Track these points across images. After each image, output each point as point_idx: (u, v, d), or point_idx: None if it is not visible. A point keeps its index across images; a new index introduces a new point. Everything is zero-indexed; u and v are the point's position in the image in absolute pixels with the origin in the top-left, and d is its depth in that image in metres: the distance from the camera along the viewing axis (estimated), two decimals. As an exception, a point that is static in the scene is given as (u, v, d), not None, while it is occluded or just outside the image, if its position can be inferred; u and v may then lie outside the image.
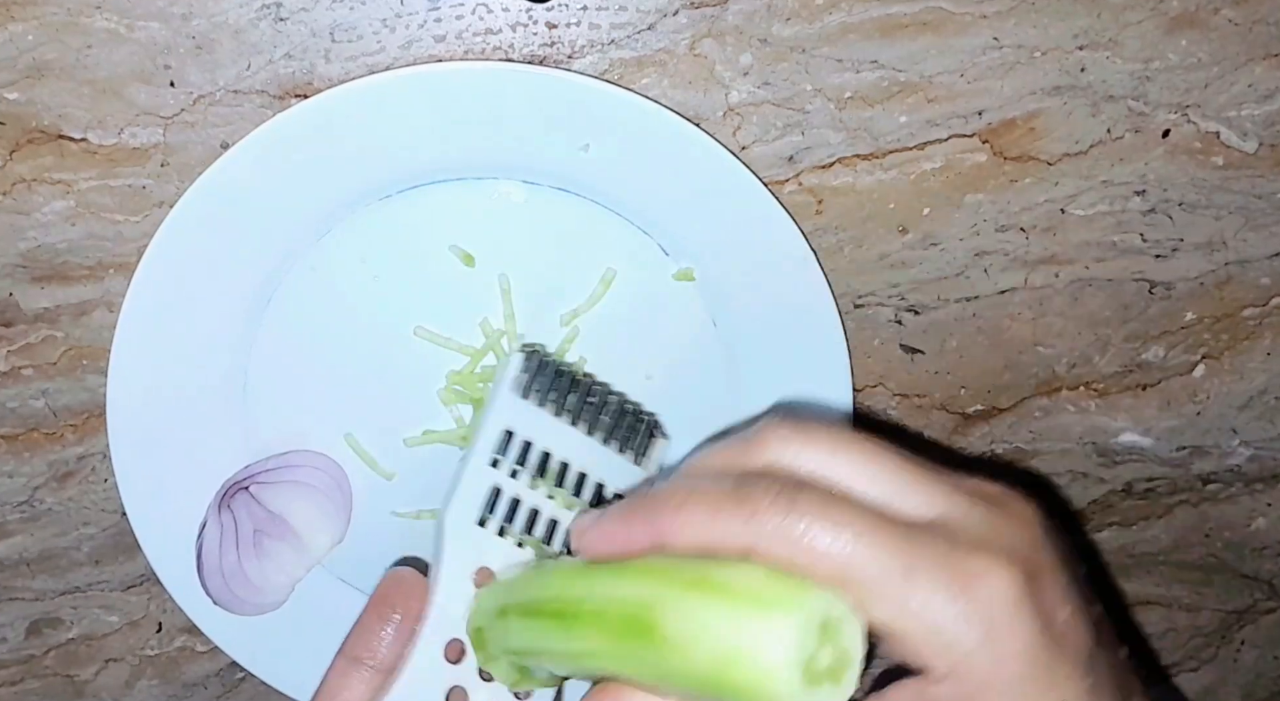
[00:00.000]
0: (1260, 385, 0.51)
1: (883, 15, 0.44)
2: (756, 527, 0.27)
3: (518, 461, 0.39)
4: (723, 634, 0.26)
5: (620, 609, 0.28)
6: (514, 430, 0.39)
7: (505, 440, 0.38)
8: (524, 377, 0.39)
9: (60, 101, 0.42)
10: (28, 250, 0.44)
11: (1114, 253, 0.49)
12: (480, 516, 0.38)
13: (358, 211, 0.44)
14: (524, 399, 0.39)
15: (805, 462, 0.29)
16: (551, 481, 0.39)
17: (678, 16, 0.44)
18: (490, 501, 0.38)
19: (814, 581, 0.26)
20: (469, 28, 0.43)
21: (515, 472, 0.38)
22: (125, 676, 0.51)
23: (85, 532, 0.49)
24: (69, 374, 0.46)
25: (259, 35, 0.42)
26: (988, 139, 0.46)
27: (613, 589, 0.29)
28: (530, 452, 0.39)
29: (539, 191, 0.45)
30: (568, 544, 0.37)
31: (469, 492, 0.38)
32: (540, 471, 0.39)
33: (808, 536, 0.26)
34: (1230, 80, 0.46)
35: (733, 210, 0.44)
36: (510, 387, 0.39)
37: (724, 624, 0.26)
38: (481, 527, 0.38)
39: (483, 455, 0.38)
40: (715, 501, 0.28)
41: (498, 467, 0.38)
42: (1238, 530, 0.54)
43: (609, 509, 0.31)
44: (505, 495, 0.38)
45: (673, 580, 0.28)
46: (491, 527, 0.38)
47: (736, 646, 0.25)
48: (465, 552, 0.37)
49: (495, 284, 0.46)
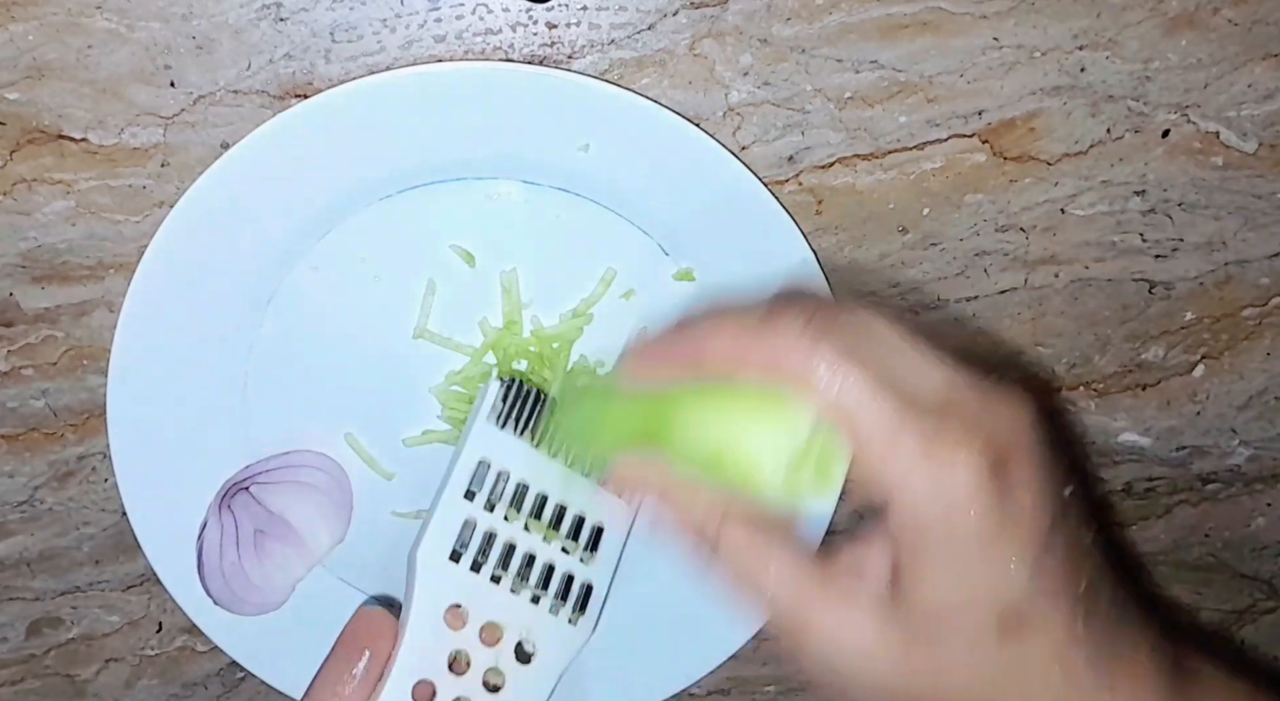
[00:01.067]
0: (1260, 385, 0.52)
1: (883, 15, 0.44)
2: (781, 356, 0.31)
3: (494, 493, 0.38)
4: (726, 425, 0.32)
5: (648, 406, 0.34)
6: (490, 461, 0.38)
7: (481, 471, 0.38)
8: (501, 406, 0.38)
9: (60, 101, 0.43)
10: (28, 250, 0.44)
11: (1114, 253, 0.49)
12: (453, 551, 0.37)
13: (358, 211, 0.44)
14: (501, 428, 0.38)
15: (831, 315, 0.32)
16: (529, 513, 0.38)
17: (678, 16, 0.44)
18: (464, 535, 0.37)
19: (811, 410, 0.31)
20: (469, 28, 0.43)
21: (491, 505, 0.38)
22: (125, 676, 0.51)
23: (85, 532, 0.49)
24: (69, 374, 0.46)
25: (259, 35, 0.43)
26: (988, 139, 0.46)
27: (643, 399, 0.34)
28: (507, 484, 0.38)
29: (539, 191, 0.45)
30: None
31: (442, 527, 0.37)
32: (517, 503, 0.38)
33: (819, 378, 0.30)
34: (1230, 80, 0.46)
35: (733, 210, 0.44)
36: (486, 417, 0.38)
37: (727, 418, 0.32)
38: (455, 563, 0.37)
39: (456, 487, 0.38)
40: (748, 327, 0.32)
41: (472, 500, 0.38)
42: (1238, 530, 0.54)
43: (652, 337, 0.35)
44: (480, 528, 0.37)
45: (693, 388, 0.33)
46: (465, 563, 0.37)
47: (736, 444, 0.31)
48: (437, 590, 0.36)
49: (496, 283, 0.46)
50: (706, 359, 0.33)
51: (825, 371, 0.30)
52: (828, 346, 0.31)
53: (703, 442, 0.32)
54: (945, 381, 0.31)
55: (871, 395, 0.30)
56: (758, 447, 0.31)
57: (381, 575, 0.47)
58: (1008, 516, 0.30)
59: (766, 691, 0.54)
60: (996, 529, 0.29)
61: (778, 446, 0.31)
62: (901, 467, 0.30)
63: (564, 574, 0.39)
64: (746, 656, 0.49)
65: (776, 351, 0.31)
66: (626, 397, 0.35)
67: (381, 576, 0.48)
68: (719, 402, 0.32)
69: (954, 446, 0.29)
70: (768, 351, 0.31)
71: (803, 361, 0.31)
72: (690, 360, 0.33)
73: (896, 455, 0.30)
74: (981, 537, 0.29)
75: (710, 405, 0.32)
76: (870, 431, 0.30)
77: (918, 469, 0.30)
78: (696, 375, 0.33)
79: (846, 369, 0.30)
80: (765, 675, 0.53)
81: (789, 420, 0.31)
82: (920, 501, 0.30)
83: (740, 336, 0.32)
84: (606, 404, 0.36)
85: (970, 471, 0.29)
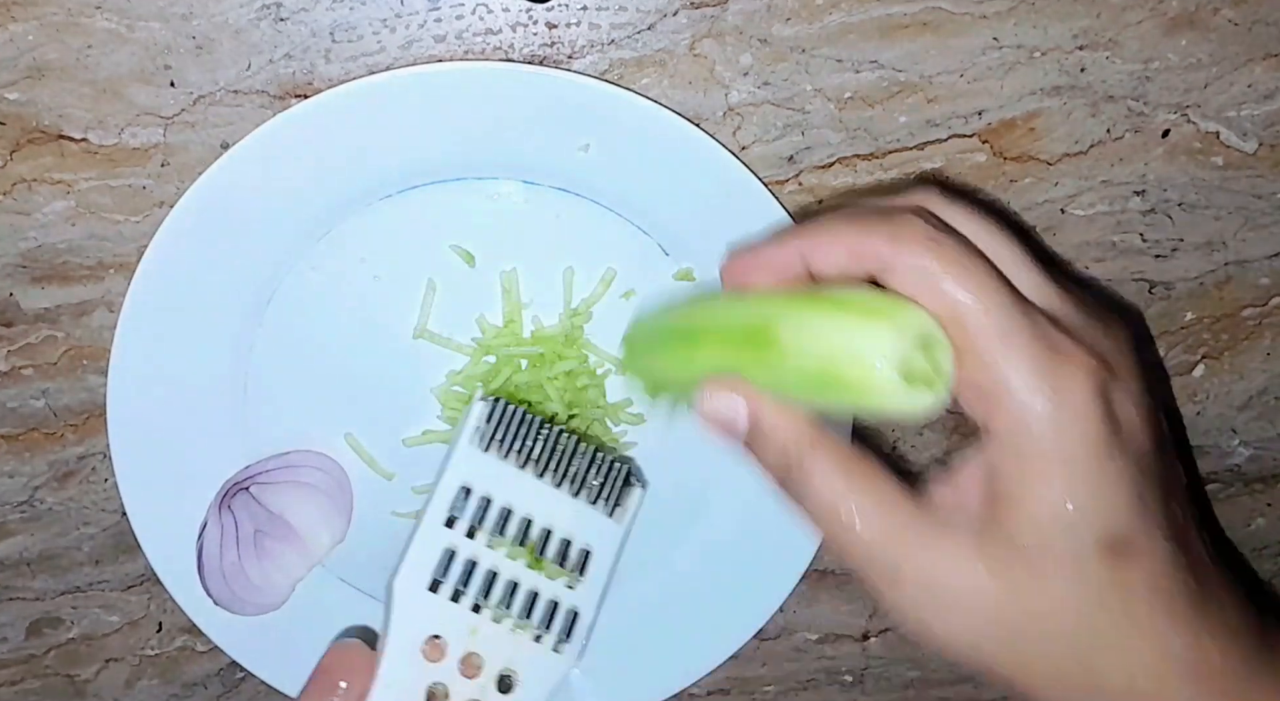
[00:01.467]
0: (1260, 385, 0.52)
1: (883, 15, 0.44)
2: (897, 252, 0.30)
3: (476, 519, 0.37)
4: (833, 337, 0.30)
5: (743, 322, 0.32)
6: (471, 486, 0.37)
7: (462, 497, 0.37)
8: (485, 428, 0.37)
9: (60, 101, 0.43)
10: (28, 250, 0.44)
11: (1114, 253, 0.49)
12: (432, 581, 0.36)
13: (358, 211, 0.44)
14: (484, 451, 0.37)
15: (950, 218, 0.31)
16: (512, 540, 0.37)
17: (678, 16, 0.44)
18: (444, 564, 0.36)
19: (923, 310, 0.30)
20: (469, 28, 0.43)
21: (473, 531, 0.37)
22: (125, 676, 0.51)
23: (85, 532, 0.49)
24: (69, 374, 0.46)
25: (259, 35, 0.43)
26: (988, 139, 0.46)
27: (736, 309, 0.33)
28: (489, 509, 0.37)
29: (539, 191, 0.45)
30: None
31: (420, 556, 0.36)
32: (500, 529, 0.37)
33: (937, 276, 0.29)
34: (1230, 80, 0.46)
35: (733, 210, 0.44)
36: (469, 440, 0.37)
37: (834, 329, 0.30)
38: (434, 593, 0.36)
39: (436, 515, 0.36)
40: (866, 224, 0.31)
41: (453, 527, 0.36)
42: (1237, 530, 0.54)
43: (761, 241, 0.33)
44: (461, 556, 0.36)
45: (792, 298, 0.31)
46: (444, 593, 0.36)
47: (844, 347, 0.29)
48: (415, 621, 0.35)
49: (496, 284, 0.46)
50: (818, 260, 0.31)
51: (942, 268, 0.29)
52: (949, 243, 0.30)
53: (807, 356, 0.30)
54: (1057, 293, 0.31)
55: (991, 293, 0.29)
56: (868, 352, 0.29)
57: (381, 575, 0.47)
58: (1117, 434, 0.29)
59: (766, 691, 0.54)
60: (1107, 446, 0.29)
61: (888, 350, 0.29)
62: (1014, 372, 0.28)
63: (549, 601, 0.38)
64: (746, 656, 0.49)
65: (896, 248, 0.30)
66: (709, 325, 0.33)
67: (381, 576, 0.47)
68: (821, 311, 0.30)
69: (1069, 357, 0.29)
70: (886, 249, 0.30)
71: (920, 258, 0.29)
72: (799, 262, 0.32)
73: (1010, 359, 0.29)
74: (1093, 452, 0.28)
75: (812, 315, 0.30)
76: (987, 332, 0.29)
77: (1031, 376, 0.28)
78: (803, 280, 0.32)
79: (967, 266, 0.29)
80: (765, 675, 0.53)
81: (898, 322, 0.29)
82: (1031, 410, 0.28)
83: (857, 235, 0.31)
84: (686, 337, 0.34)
85: (1086, 383, 0.28)
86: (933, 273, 0.29)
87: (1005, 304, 0.29)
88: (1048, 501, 0.29)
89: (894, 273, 0.30)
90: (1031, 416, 0.29)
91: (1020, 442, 0.29)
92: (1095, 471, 0.29)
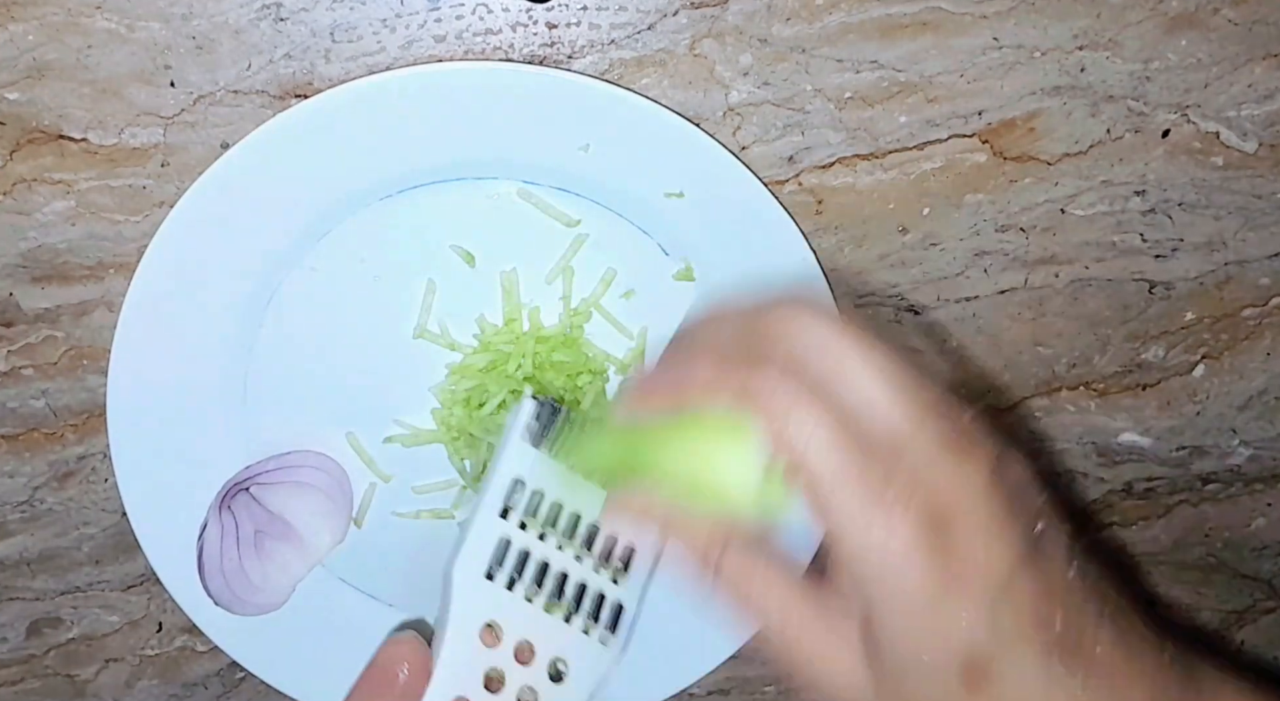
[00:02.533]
0: (1260, 385, 0.52)
1: (883, 15, 0.44)
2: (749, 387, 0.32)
3: (528, 512, 0.37)
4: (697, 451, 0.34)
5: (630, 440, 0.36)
6: (524, 480, 0.37)
7: (515, 490, 0.37)
8: (535, 425, 0.38)
9: (60, 101, 0.43)
10: (28, 250, 0.44)
11: (1114, 253, 0.49)
12: (489, 569, 0.36)
13: (358, 211, 0.44)
14: (536, 448, 0.38)
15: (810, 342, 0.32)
16: (563, 533, 0.38)
17: (678, 16, 0.44)
18: (500, 554, 0.37)
19: None
20: (469, 28, 0.43)
21: (524, 524, 0.37)
22: (125, 676, 0.51)
23: (85, 532, 0.49)
24: (69, 374, 0.46)
25: (259, 35, 0.43)
26: (988, 139, 0.46)
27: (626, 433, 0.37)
28: (541, 503, 0.38)
29: (539, 191, 0.45)
30: None
31: (478, 544, 0.37)
32: (551, 522, 0.38)
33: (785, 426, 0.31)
34: (1230, 80, 0.46)
35: (733, 210, 0.44)
36: (521, 436, 0.38)
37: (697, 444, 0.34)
38: (490, 581, 0.36)
39: (492, 505, 0.37)
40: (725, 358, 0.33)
41: (507, 518, 0.37)
42: (1238, 530, 0.54)
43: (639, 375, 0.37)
44: (515, 547, 0.37)
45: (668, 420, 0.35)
46: (500, 580, 0.36)
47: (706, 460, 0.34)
48: (473, 607, 0.36)
49: (496, 283, 0.46)
50: (687, 390, 0.34)
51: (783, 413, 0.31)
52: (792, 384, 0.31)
53: (679, 470, 0.34)
54: (905, 420, 0.31)
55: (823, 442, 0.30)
56: (727, 470, 0.33)
57: (382, 575, 0.48)
58: (952, 572, 0.29)
59: (766, 691, 0.54)
60: (940, 586, 0.29)
61: (745, 467, 0.33)
62: (845, 519, 0.30)
63: (596, 594, 0.38)
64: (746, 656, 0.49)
65: (748, 385, 0.32)
66: (614, 433, 0.37)
67: (382, 576, 0.48)
68: (690, 431, 0.34)
69: (892, 505, 0.30)
70: (739, 384, 0.32)
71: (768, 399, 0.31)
72: (674, 392, 0.34)
73: (840, 506, 0.30)
74: (925, 594, 0.29)
75: (683, 434, 0.34)
76: (820, 477, 0.30)
77: (857, 523, 0.30)
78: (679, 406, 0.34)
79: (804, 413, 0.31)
80: (765, 675, 0.53)
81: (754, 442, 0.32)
82: (860, 556, 0.30)
83: (717, 368, 0.33)
84: (600, 440, 0.38)
85: (908, 529, 0.29)
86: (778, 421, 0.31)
87: (845, 455, 0.30)
88: (899, 638, 0.30)
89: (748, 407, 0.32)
90: (861, 563, 0.30)
91: (859, 582, 0.31)
92: (933, 611, 0.30)
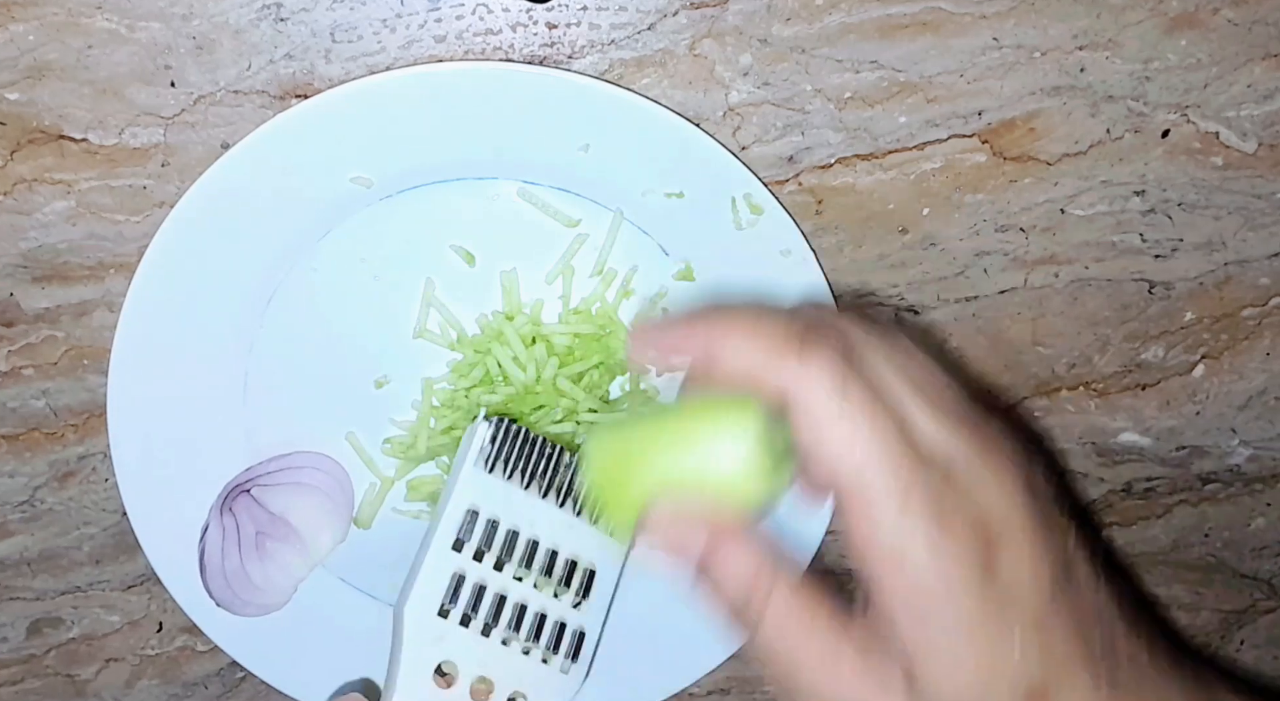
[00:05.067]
0: (1260, 385, 0.52)
1: (883, 15, 0.44)
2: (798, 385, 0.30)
3: (483, 542, 0.36)
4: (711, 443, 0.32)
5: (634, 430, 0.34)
6: (478, 509, 0.37)
7: (469, 520, 0.36)
8: (490, 448, 0.37)
9: (61, 102, 0.43)
10: (28, 250, 0.45)
11: (1113, 253, 0.49)
12: (442, 606, 0.36)
13: (358, 211, 0.44)
14: (489, 473, 0.37)
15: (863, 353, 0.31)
16: (520, 561, 0.37)
17: (678, 16, 0.44)
18: (453, 589, 0.36)
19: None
20: (469, 28, 0.43)
21: (480, 554, 0.36)
22: (126, 676, 0.51)
23: (86, 532, 0.49)
24: (69, 374, 0.46)
25: (259, 35, 0.43)
26: (988, 139, 0.46)
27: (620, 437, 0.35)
28: (496, 531, 0.37)
29: (539, 191, 0.45)
30: None
31: (430, 581, 0.36)
32: (507, 551, 0.37)
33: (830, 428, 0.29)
34: (1230, 80, 0.46)
35: (732, 210, 0.44)
36: (475, 461, 0.37)
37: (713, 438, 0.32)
38: (443, 618, 0.36)
39: (444, 539, 0.36)
40: (778, 344, 0.31)
41: (461, 550, 0.36)
42: (1237, 530, 0.54)
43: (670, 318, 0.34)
44: (469, 581, 0.36)
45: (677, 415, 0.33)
46: (454, 617, 0.36)
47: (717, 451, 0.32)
48: (426, 648, 0.35)
49: (496, 284, 0.46)
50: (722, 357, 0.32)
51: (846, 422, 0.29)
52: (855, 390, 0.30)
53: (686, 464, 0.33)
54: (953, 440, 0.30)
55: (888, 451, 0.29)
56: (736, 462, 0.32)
57: (382, 575, 0.48)
58: (1005, 594, 0.29)
59: (766, 691, 0.54)
60: (996, 608, 0.29)
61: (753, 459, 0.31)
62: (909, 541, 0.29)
63: (556, 622, 0.37)
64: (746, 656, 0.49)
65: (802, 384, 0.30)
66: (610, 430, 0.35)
67: (382, 576, 0.48)
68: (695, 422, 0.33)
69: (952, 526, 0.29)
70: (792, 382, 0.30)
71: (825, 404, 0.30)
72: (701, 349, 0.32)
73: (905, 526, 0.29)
74: (976, 623, 0.29)
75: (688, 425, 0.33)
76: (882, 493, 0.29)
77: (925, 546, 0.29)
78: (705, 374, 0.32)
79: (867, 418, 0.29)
80: (765, 675, 0.53)
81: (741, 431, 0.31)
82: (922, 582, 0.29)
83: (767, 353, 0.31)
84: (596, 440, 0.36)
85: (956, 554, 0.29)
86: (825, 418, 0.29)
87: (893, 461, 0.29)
88: (958, 670, 0.29)
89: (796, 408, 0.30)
90: (923, 588, 0.29)
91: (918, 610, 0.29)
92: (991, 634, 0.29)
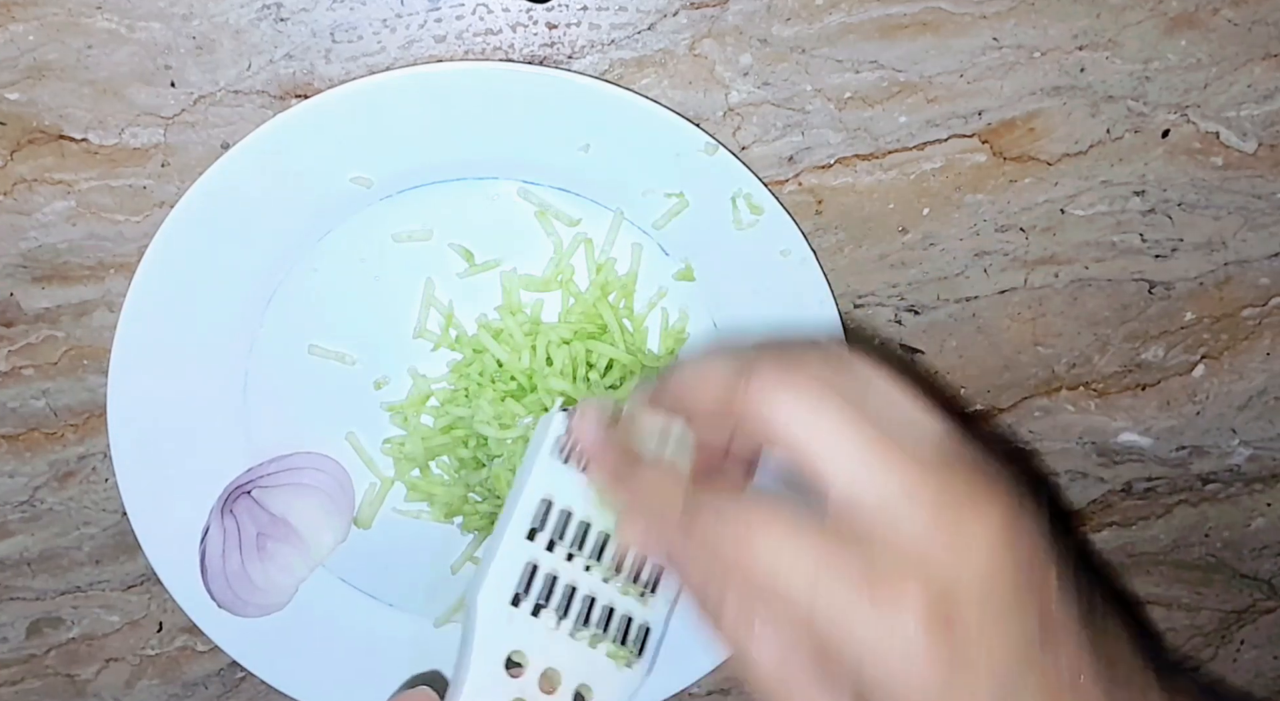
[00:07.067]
0: (1260, 385, 0.52)
1: (883, 15, 0.44)
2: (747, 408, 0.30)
3: (556, 532, 0.36)
4: None
5: None
6: (552, 499, 0.36)
7: (543, 510, 0.36)
8: (566, 439, 0.36)
9: (61, 102, 0.43)
10: (28, 250, 0.45)
11: (1113, 253, 0.49)
12: (515, 594, 0.35)
13: (358, 211, 0.44)
14: (564, 463, 0.37)
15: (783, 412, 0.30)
16: (590, 553, 0.37)
17: (678, 16, 0.44)
18: (526, 578, 0.35)
19: None
20: (469, 28, 0.43)
21: (552, 544, 0.36)
22: (126, 676, 0.51)
23: (86, 532, 0.49)
24: (70, 374, 0.46)
25: (259, 35, 0.43)
26: (988, 139, 0.46)
27: None
28: (569, 523, 0.36)
29: (539, 191, 0.45)
30: None
31: (503, 570, 0.35)
32: (579, 543, 0.36)
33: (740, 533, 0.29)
34: (1230, 80, 0.46)
35: (733, 210, 0.44)
36: (550, 451, 0.36)
37: None
38: (515, 607, 0.35)
39: (518, 529, 0.36)
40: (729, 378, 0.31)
41: (534, 540, 0.36)
42: (1237, 530, 0.54)
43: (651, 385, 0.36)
44: (542, 571, 0.36)
45: None
46: (526, 607, 0.35)
47: None
48: (498, 636, 0.35)
49: (496, 283, 0.46)
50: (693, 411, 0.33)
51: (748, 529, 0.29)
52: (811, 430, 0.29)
53: None
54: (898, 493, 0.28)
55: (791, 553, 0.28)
56: None
57: (382, 575, 0.48)
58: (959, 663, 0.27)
59: (766, 691, 0.54)
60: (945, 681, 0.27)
61: None
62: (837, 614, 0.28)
63: (623, 616, 0.37)
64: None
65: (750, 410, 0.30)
66: None
67: (382, 576, 0.48)
68: None
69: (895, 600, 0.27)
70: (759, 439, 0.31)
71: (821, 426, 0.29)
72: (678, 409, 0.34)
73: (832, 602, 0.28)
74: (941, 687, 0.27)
75: None
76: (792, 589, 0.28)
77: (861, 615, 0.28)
78: None
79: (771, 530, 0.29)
80: (765, 675, 0.53)
81: None
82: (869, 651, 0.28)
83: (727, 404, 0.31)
84: None
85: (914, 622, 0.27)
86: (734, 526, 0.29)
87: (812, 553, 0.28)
88: None
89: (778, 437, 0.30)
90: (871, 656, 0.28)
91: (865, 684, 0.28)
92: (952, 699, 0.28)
